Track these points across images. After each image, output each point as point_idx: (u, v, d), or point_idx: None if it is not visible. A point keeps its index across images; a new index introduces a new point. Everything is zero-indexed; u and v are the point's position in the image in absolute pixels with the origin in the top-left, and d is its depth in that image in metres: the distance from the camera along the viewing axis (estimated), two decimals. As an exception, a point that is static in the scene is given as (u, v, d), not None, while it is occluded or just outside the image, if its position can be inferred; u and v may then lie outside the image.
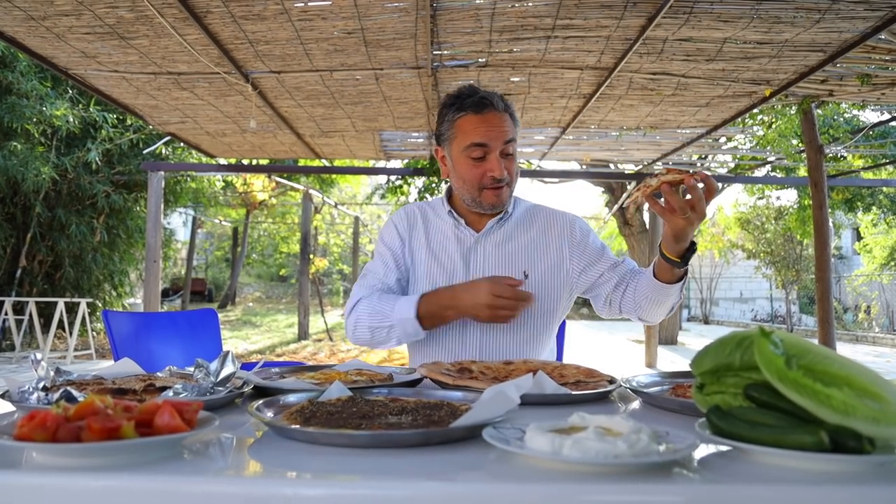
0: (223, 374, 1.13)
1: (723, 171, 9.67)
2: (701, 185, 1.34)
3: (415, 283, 1.75)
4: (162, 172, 7.62)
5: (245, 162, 9.02)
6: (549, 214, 1.82)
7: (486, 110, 1.64)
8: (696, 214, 1.37)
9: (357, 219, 16.84)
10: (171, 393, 1.04)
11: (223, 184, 15.98)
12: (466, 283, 1.58)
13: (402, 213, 1.84)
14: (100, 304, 10.02)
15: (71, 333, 7.91)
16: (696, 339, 13.26)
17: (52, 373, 1.14)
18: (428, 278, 1.74)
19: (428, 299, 1.57)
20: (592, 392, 1.19)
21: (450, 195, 1.82)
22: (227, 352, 1.17)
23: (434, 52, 4.23)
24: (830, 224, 7.70)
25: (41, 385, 1.05)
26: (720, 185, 11.70)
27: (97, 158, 8.74)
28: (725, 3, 3.40)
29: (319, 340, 11.22)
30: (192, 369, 1.18)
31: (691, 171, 1.34)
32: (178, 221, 19.88)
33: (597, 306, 1.77)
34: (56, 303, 7.99)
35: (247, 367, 1.37)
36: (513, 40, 4.02)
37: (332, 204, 14.49)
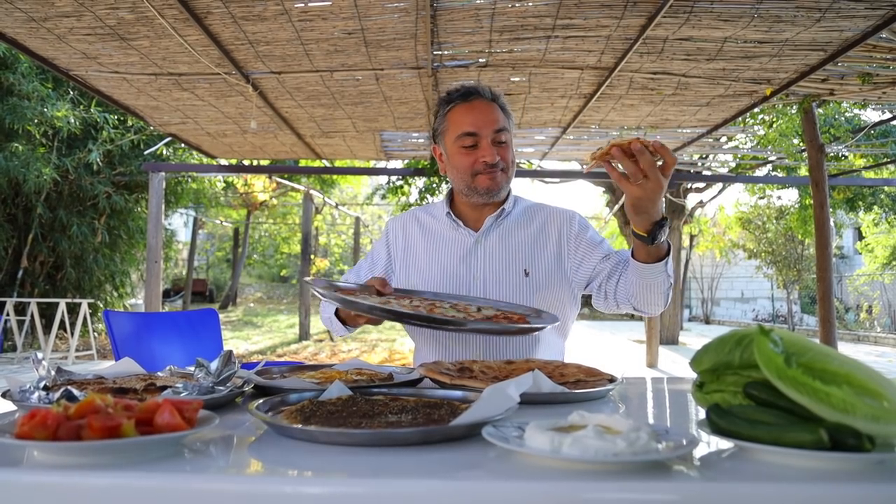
0: (224, 373, 1.14)
1: (724, 170, 9.66)
2: (656, 156, 1.28)
3: (415, 288, 1.74)
4: (163, 173, 7.63)
5: (246, 163, 9.02)
6: (549, 212, 1.81)
7: (472, 98, 1.68)
8: (649, 183, 1.30)
9: (358, 219, 16.84)
10: (171, 392, 1.04)
11: (224, 184, 15.99)
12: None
13: (395, 222, 1.89)
14: (101, 305, 10.03)
15: (72, 334, 7.92)
16: (697, 338, 13.25)
17: (53, 372, 1.14)
18: (426, 283, 1.74)
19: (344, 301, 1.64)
20: (590, 391, 1.19)
21: (451, 198, 1.83)
22: (228, 351, 1.17)
23: (434, 53, 4.23)
24: (832, 223, 7.68)
25: (42, 384, 1.06)
26: (723, 184, 11.69)
27: (98, 159, 8.76)
28: (726, 2, 3.40)
29: (320, 341, 11.22)
30: (192, 369, 1.18)
31: (639, 138, 1.29)
32: (179, 222, 19.88)
33: (595, 301, 1.74)
34: (57, 303, 8.00)
35: (248, 366, 1.38)
36: (513, 40, 4.02)
37: (333, 204, 14.50)
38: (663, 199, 1.40)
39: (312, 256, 11.59)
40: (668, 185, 1.39)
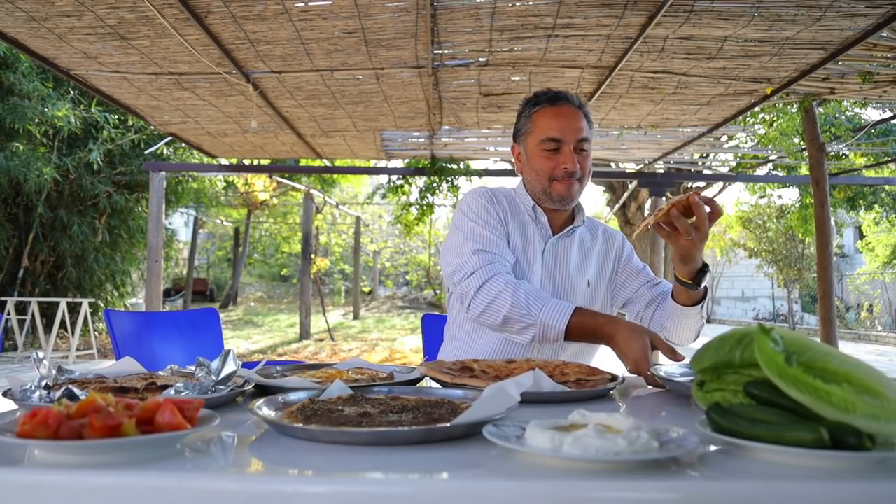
0: (224, 372, 1.14)
1: (724, 169, 9.66)
2: (707, 208, 1.41)
3: None
4: (163, 172, 7.63)
5: (246, 162, 9.02)
6: (605, 230, 1.91)
7: (560, 103, 1.70)
8: (699, 235, 1.44)
9: (358, 219, 16.86)
10: (172, 391, 1.04)
11: (224, 184, 15.99)
12: (630, 324, 1.50)
13: (485, 192, 1.77)
14: (102, 304, 10.04)
15: (73, 333, 7.92)
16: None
17: (54, 371, 1.15)
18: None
19: (583, 317, 1.51)
20: (591, 390, 1.19)
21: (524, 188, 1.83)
22: (229, 350, 1.17)
23: (434, 52, 4.23)
24: (832, 222, 7.68)
25: (43, 383, 1.06)
26: (724, 183, 11.68)
27: (99, 159, 8.75)
28: (726, 1, 3.40)
29: (321, 340, 11.23)
30: (193, 368, 1.18)
31: (693, 192, 1.41)
32: (179, 221, 19.88)
33: (641, 321, 1.83)
34: (58, 303, 8.00)
35: (248, 366, 1.38)
36: (513, 39, 4.02)
37: (334, 204, 14.50)
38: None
39: (313, 256, 11.60)
40: (668, 184, 1.48)
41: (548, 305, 1.52)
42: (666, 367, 1.34)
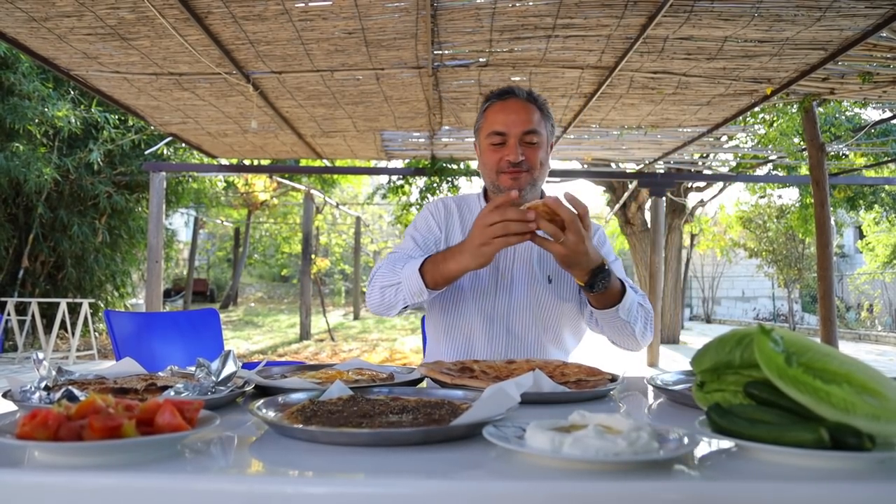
0: (224, 373, 1.14)
1: (724, 169, 9.66)
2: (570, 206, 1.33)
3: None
4: (163, 173, 7.64)
5: (246, 162, 9.02)
6: None
7: (507, 97, 1.71)
8: (571, 236, 1.33)
9: (359, 219, 16.86)
10: (172, 392, 1.04)
11: (225, 184, 16.00)
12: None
13: (439, 205, 1.86)
14: (102, 305, 10.04)
15: (73, 334, 7.92)
16: (697, 337, 13.24)
17: (54, 372, 1.15)
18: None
19: (437, 254, 1.54)
20: (591, 391, 1.19)
21: (486, 193, 1.85)
22: (229, 351, 1.17)
23: (435, 52, 4.23)
24: (832, 222, 7.68)
25: (43, 384, 1.06)
26: (724, 183, 11.66)
27: (99, 159, 8.75)
28: (726, 1, 3.40)
29: (321, 340, 11.22)
30: (193, 369, 1.18)
31: (550, 197, 1.33)
32: (179, 222, 19.90)
33: (588, 322, 1.75)
34: (58, 303, 8.00)
35: (249, 366, 1.38)
36: (513, 40, 4.02)
37: (334, 204, 14.50)
38: (590, 249, 1.38)
39: (313, 256, 11.59)
40: (668, 185, 1.41)
41: (409, 262, 1.55)
42: (662, 375, 1.34)
